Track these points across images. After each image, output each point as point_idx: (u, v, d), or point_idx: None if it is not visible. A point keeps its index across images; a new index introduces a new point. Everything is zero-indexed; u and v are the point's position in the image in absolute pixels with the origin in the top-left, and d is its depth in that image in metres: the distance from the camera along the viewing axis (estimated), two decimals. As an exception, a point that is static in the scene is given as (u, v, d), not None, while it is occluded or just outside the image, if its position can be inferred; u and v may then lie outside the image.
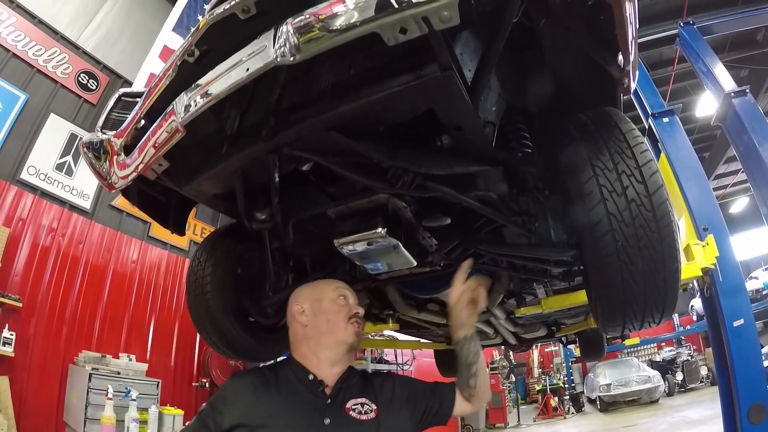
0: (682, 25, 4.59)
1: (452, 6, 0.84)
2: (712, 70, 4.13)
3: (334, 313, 1.33)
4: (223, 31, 1.12)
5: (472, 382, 1.40)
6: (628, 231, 1.20)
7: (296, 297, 1.39)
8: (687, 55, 4.56)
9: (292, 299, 1.39)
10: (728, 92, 3.83)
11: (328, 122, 1.19)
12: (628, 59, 1.22)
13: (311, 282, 1.46)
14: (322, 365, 1.29)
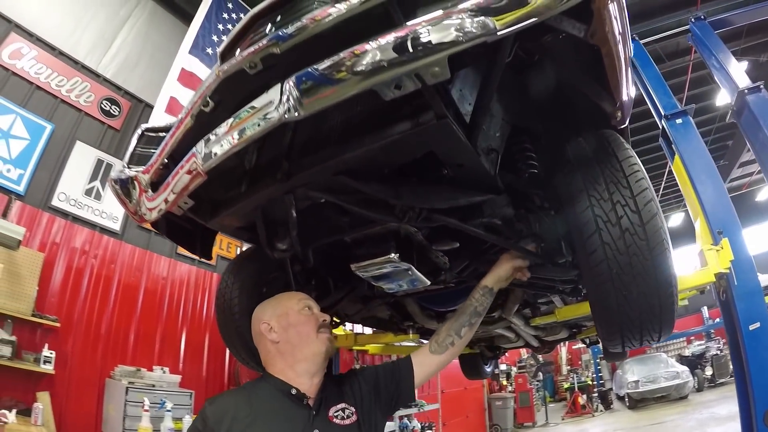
0: (694, 20, 4.49)
1: (442, 62, 0.92)
2: (725, 67, 4.02)
3: (302, 325, 1.37)
4: (233, 84, 1.23)
5: (463, 331, 1.48)
6: (622, 259, 1.25)
7: (261, 315, 1.42)
8: (699, 51, 4.46)
9: (255, 319, 1.42)
10: (742, 89, 3.74)
11: (335, 168, 1.28)
12: (619, 96, 1.27)
13: (271, 298, 1.48)
14: (301, 378, 1.32)
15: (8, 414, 3.24)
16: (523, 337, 3.42)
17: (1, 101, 4.23)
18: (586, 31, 1.05)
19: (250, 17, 1.46)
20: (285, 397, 1.29)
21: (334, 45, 1.00)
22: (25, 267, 3.86)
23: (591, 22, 1.02)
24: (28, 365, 3.64)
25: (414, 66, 0.92)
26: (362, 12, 1.02)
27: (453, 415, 9.47)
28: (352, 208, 1.44)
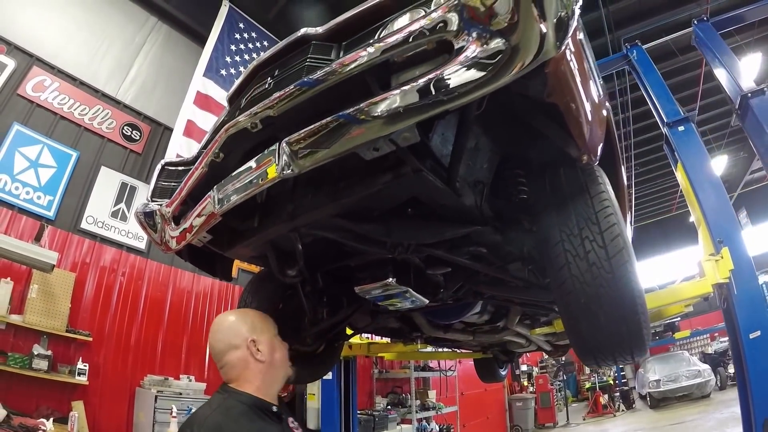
0: (697, 22, 4.47)
1: (412, 129, 1.07)
2: (728, 69, 4.01)
3: (282, 351, 1.50)
4: (239, 139, 1.39)
5: None
6: (590, 290, 1.33)
7: (242, 330, 1.44)
8: (703, 53, 4.44)
9: (233, 333, 1.44)
10: (745, 92, 3.71)
11: (332, 211, 1.43)
12: (583, 143, 1.33)
13: (244, 314, 1.55)
14: (273, 397, 1.43)
15: (46, 422, 3.47)
16: (535, 342, 3.50)
17: (28, 132, 4.52)
18: (543, 92, 1.13)
19: (252, 68, 1.63)
20: (264, 414, 1.37)
21: (324, 107, 1.15)
22: (58, 286, 4.15)
23: (546, 84, 1.10)
24: (63, 377, 3.91)
25: (387, 132, 1.06)
26: (340, 82, 1.16)
27: (473, 416, 9.53)
28: (349, 243, 1.59)
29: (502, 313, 2.65)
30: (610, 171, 2.02)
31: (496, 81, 0.96)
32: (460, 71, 0.98)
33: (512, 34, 0.94)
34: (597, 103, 1.47)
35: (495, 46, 0.96)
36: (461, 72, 0.97)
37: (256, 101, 1.39)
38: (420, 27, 1.06)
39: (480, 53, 0.96)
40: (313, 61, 1.37)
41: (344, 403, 4.42)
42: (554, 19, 0.94)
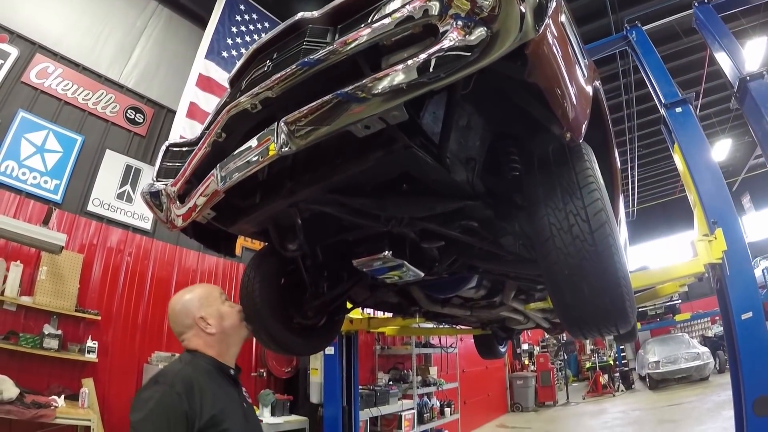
0: (697, 4, 4.41)
1: (400, 107, 1.13)
2: (728, 52, 3.97)
3: (232, 317, 1.61)
4: (240, 119, 1.47)
5: None
6: (573, 262, 1.39)
7: (191, 310, 1.55)
8: (703, 35, 4.39)
9: (184, 313, 1.55)
10: (744, 76, 3.69)
11: (328, 187, 1.51)
12: (566, 122, 1.37)
13: (189, 293, 1.62)
14: (231, 361, 1.57)
15: (58, 399, 3.62)
16: (533, 319, 3.59)
17: (34, 118, 4.58)
18: (523, 72, 1.17)
19: (251, 52, 1.69)
20: (224, 376, 1.50)
21: (319, 88, 1.22)
22: (66, 268, 4.26)
23: (527, 64, 1.14)
24: (73, 355, 4.04)
25: (378, 111, 1.12)
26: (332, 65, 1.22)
27: (474, 393, 9.71)
28: (347, 216, 1.67)
29: (498, 289, 2.72)
30: (602, 151, 2.08)
31: (478, 62, 1.02)
32: (444, 53, 1.03)
33: (493, 18, 0.99)
34: (581, 83, 1.51)
35: (477, 33, 1.01)
36: (445, 54, 1.03)
37: (256, 83, 1.45)
38: (407, 12, 1.11)
39: (462, 36, 1.02)
40: (309, 44, 1.42)
41: (346, 377, 4.56)
42: (533, 3, 1.00)
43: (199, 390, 1.34)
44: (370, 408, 5.60)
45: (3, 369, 3.47)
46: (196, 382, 1.36)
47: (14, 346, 3.71)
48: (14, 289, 3.90)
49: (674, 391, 10.83)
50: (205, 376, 1.41)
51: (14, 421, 3.35)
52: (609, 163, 2.21)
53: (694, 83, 9.05)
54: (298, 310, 2.33)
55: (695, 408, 8.43)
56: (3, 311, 3.91)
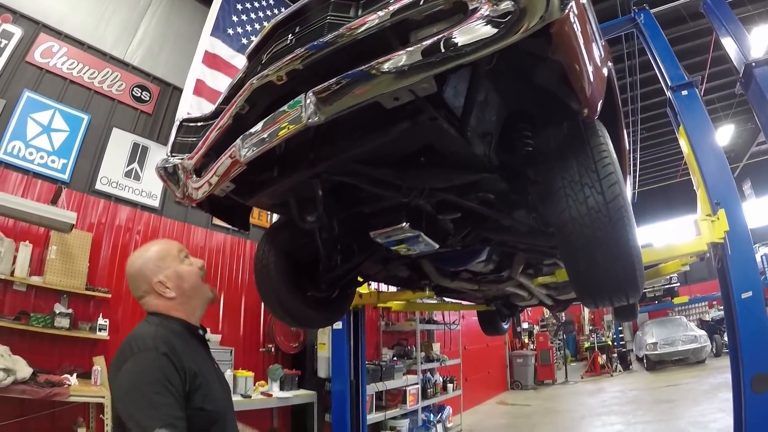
0: None
1: (429, 80, 1.18)
2: (734, 37, 4.00)
3: (193, 277, 1.49)
4: (264, 91, 1.49)
5: None
6: (588, 232, 1.48)
7: (147, 274, 1.44)
8: (711, 20, 4.42)
9: (141, 278, 1.44)
10: (749, 62, 3.73)
11: (352, 158, 1.56)
12: (584, 98, 1.43)
13: (145, 253, 1.50)
14: (197, 322, 1.50)
15: (70, 378, 3.65)
16: (536, 296, 3.68)
17: (39, 98, 4.55)
18: (547, 50, 1.23)
19: (271, 26, 1.71)
20: (194, 337, 1.45)
21: (345, 61, 1.25)
22: (76, 247, 4.29)
23: (551, 42, 1.19)
24: (84, 333, 4.07)
25: (407, 83, 1.17)
26: (364, 38, 1.25)
27: (475, 371, 9.90)
28: (367, 187, 1.73)
29: (506, 263, 2.79)
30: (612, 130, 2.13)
31: (506, 39, 1.06)
32: (474, 29, 1.08)
33: None
34: (598, 63, 1.56)
35: (505, 7, 1.05)
36: (475, 30, 1.08)
37: (278, 57, 1.48)
38: None
39: (491, 14, 1.06)
40: (334, 18, 1.44)
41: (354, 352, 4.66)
42: None
43: (180, 350, 1.29)
44: (376, 383, 5.72)
45: (15, 349, 3.48)
46: (175, 342, 1.31)
47: (25, 326, 3.74)
48: (24, 269, 3.91)
49: (671, 372, 11.04)
50: (178, 337, 1.35)
51: (25, 400, 3.38)
52: (618, 143, 2.26)
53: (699, 68, 8.99)
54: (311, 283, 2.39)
55: (692, 389, 8.60)
56: (13, 291, 3.93)
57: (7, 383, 3.16)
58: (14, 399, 3.33)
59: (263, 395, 4.88)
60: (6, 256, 3.79)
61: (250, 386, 4.76)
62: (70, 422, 3.78)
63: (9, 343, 3.48)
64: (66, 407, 3.70)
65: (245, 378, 4.74)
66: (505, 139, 1.70)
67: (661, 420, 6.79)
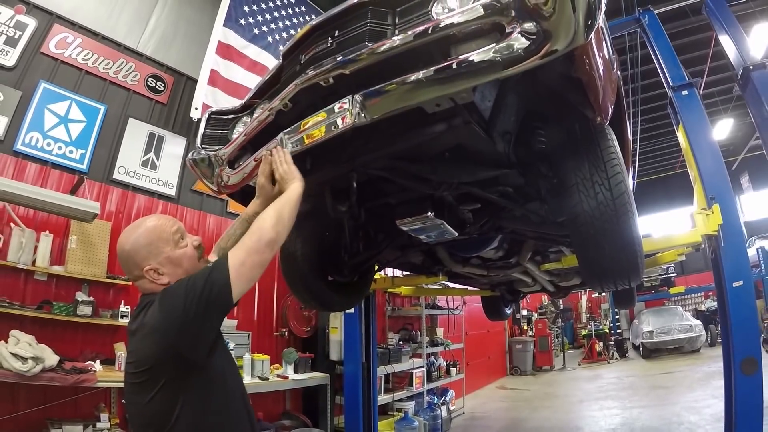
0: None
1: (468, 90, 1.35)
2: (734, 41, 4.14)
3: (188, 260, 1.40)
4: (308, 91, 1.62)
5: None
6: (597, 224, 1.68)
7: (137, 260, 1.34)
8: (712, 22, 4.53)
9: (132, 263, 1.34)
10: (747, 65, 3.88)
11: (389, 155, 1.74)
12: (598, 108, 1.59)
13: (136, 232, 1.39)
14: None
15: (94, 364, 3.78)
16: (540, 282, 3.89)
17: (56, 89, 4.63)
18: (571, 69, 1.39)
19: (309, 28, 1.81)
20: None
21: (388, 69, 1.40)
22: (96, 236, 4.41)
23: (574, 63, 1.35)
24: (106, 321, 4.17)
25: (449, 92, 1.33)
26: (410, 48, 1.38)
27: (476, 356, 10.17)
28: (401, 181, 1.91)
29: (515, 250, 2.98)
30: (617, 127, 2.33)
31: (537, 60, 1.21)
32: (508, 49, 1.22)
33: (552, 25, 1.18)
34: (610, 74, 1.72)
35: (537, 32, 1.19)
36: (510, 49, 1.22)
37: (318, 59, 1.61)
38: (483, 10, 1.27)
39: (526, 37, 1.20)
40: (374, 25, 1.56)
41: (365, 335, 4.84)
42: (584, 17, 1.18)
43: None
44: (384, 365, 5.93)
45: (38, 338, 3.56)
46: None
47: (48, 315, 3.82)
48: (45, 259, 3.99)
49: (666, 360, 11.32)
50: None
51: (48, 387, 3.46)
52: (622, 139, 2.45)
53: (700, 61, 9.08)
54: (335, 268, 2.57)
55: (686, 377, 8.86)
56: (35, 281, 4.00)
57: (36, 371, 3.28)
58: (38, 386, 3.42)
59: (279, 377, 5.06)
60: (27, 246, 3.89)
61: (267, 369, 4.93)
62: (92, 408, 3.91)
63: (33, 332, 3.59)
64: (88, 393, 3.81)
65: (262, 361, 4.92)
66: (521, 136, 1.86)
67: (656, 405, 7.05)
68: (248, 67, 6.03)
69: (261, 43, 6.31)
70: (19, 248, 3.85)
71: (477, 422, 7.59)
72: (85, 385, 3.56)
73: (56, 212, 4.06)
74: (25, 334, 3.50)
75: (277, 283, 5.99)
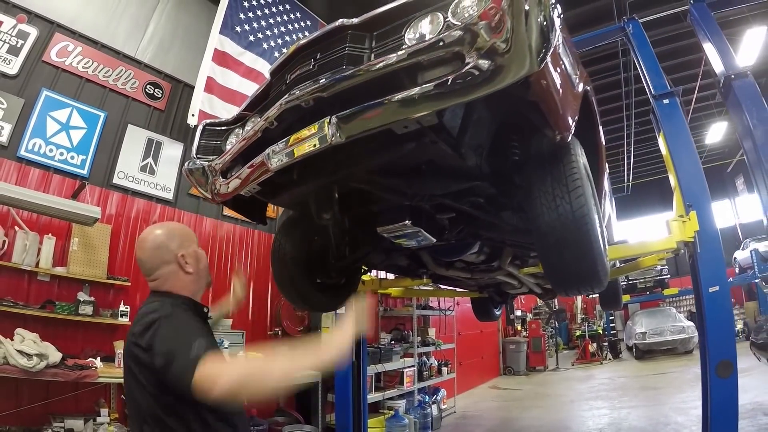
0: (693, 2, 4.62)
1: (432, 114, 1.47)
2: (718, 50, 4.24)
3: (204, 262, 1.67)
4: (291, 111, 1.75)
5: None
6: (558, 234, 1.79)
7: (171, 246, 1.56)
8: (696, 31, 4.62)
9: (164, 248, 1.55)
10: (729, 74, 3.99)
11: (367, 168, 1.88)
12: (557, 128, 1.71)
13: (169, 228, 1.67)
14: (199, 300, 1.64)
15: (95, 361, 3.95)
16: (526, 284, 3.99)
17: (57, 96, 4.76)
18: (527, 94, 1.49)
19: (294, 49, 1.93)
20: (200, 316, 1.57)
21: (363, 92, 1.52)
22: (96, 238, 4.56)
23: (529, 88, 1.45)
24: (106, 319, 4.34)
25: (414, 115, 1.45)
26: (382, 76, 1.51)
27: (469, 355, 10.33)
28: (379, 192, 2.05)
29: (497, 254, 3.08)
30: (588, 135, 2.42)
31: (493, 87, 1.34)
32: (469, 76, 1.35)
33: (506, 60, 1.31)
34: (570, 92, 1.82)
35: (494, 62, 1.32)
36: (467, 78, 1.35)
37: (301, 80, 1.74)
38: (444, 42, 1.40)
39: (483, 65, 1.33)
40: (352, 49, 1.69)
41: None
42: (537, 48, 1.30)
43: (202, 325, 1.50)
44: (375, 364, 6.07)
45: (42, 336, 3.71)
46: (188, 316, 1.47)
47: (51, 314, 3.98)
48: (48, 260, 4.15)
49: (659, 361, 11.43)
50: (186, 314, 1.47)
51: (51, 383, 3.65)
52: (595, 143, 2.58)
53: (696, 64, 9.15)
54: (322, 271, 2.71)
55: (677, 378, 8.97)
56: (38, 282, 4.18)
57: (41, 367, 3.45)
58: (40, 382, 3.59)
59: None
60: (31, 248, 4.05)
61: (260, 367, 5.07)
62: (93, 403, 4.06)
63: (36, 331, 3.75)
64: (88, 389, 3.98)
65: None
66: (496, 147, 1.99)
67: (645, 405, 7.17)
68: (244, 74, 6.17)
69: (256, 50, 6.45)
70: (23, 250, 4.01)
71: (467, 421, 7.72)
72: (86, 380, 3.73)
73: (59, 216, 4.21)
74: (30, 332, 3.67)
75: (271, 285, 6.16)
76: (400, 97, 1.44)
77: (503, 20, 1.30)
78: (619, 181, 15.82)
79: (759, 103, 3.86)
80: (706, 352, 3.39)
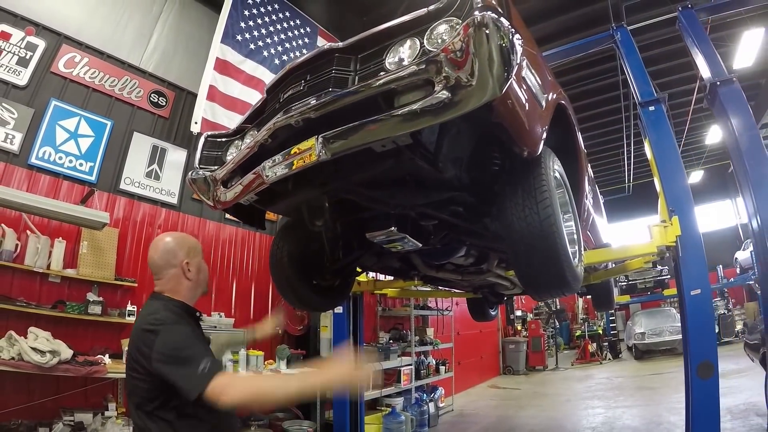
0: (681, 9, 4.77)
1: (406, 135, 1.64)
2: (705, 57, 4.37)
3: (204, 272, 1.85)
4: (284, 130, 1.92)
5: None
6: (527, 242, 1.93)
7: (178, 253, 1.75)
8: (684, 38, 4.74)
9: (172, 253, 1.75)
10: (714, 81, 4.12)
11: (354, 181, 2.05)
12: (524, 143, 1.84)
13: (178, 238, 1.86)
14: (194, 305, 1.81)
15: (104, 358, 4.14)
16: (518, 285, 4.06)
17: (65, 106, 4.94)
18: (490, 116, 1.62)
19: (288, 69, 2.10)
20: (192, 318, 1.75)
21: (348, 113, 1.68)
22: (104, 241, 4.76)
23: (492, 111, 1.59)
24: (114, 319, 4.55)
25: (392, 137, 1.61)
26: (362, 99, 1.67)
27: (469, 355, 10.47)
28: (366, 203, 2.22)
29: (484, 257, 3.21)
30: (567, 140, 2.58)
31: (459, 111, 1.49)
32: (438, 101, 1.50)
33: (470, 85, 1.46)
34: (537, 113, 1.94)
35: (459, 89, 1.48)
36: (439, 101, 1.50)
37: (293, 100, 1.91)
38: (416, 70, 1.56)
39: (450, 91, 1.48)
40: (338, 72, 1.85)
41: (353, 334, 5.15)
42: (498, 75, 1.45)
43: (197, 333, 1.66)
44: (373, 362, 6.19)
45: (53, 334, 3.89)
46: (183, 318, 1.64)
47: (62, 314, 4.18)
48: (59, 262, 4.35)
49: (658, 361, 11.51)
50: (181, 318, 1.64)
51: (61, 379, 3.84)
52: (575, 149, 2.73)
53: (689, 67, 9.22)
54: (318, 273, 2.88)
55: (674, 378, 8.90)
56: (49, 283, 4.37)
57: (53, 363, 3.64)
58: (51, 378, 3.77)
59: (272, 372, 5.36)
60: (43, 251, 4.26)
61: (260, 364, 5.26)
62: (101, 398, 4.25)
63: (48, 329, 3.93)
64: (97, 384, 4.17)
65: (256, 357, 5.25)
66: (476, 158, 2.13)
67: (640, 405, 7.30)
68: (244, 82, 6.33)
69: (257, 58, 6.61)
70: (35, 253, 4.21)
71: (464, 418, 7.87)
72: (96, 376, 3.92)
73: (69, 221, 4.41)
74: (42, 330, 3.86)
75: (272, 285, 6.30)
76: (375, 119, 1.61)
77: (467, 52, 1.45)
78: (619, 181, 15.89)
79: (744, 110, 3.99)
80: (687, 353, 3.49)
